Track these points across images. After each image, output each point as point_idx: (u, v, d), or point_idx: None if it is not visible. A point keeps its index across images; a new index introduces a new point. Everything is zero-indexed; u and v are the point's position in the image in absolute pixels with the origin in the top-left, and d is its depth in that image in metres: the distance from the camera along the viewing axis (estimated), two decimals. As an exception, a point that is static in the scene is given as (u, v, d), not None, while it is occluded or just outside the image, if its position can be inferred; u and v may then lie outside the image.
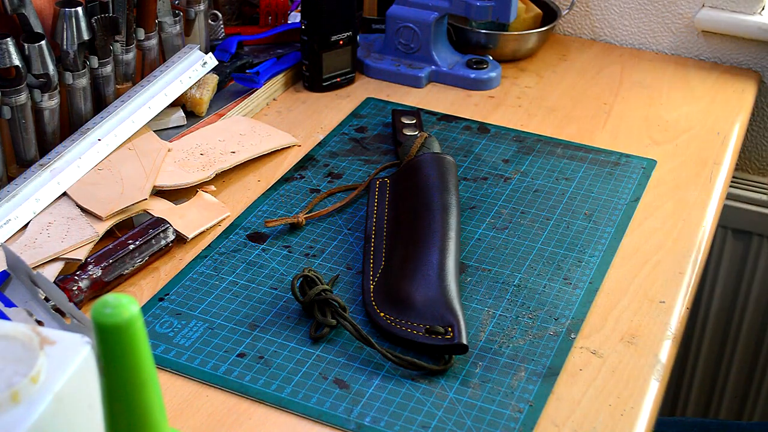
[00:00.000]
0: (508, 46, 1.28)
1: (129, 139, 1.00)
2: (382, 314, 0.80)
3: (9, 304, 0.74)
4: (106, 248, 0.85)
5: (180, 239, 0.91)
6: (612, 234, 0.93)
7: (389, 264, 0.85)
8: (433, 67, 1.23)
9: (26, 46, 0.91)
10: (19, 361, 0.53)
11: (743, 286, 1.42)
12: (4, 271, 0.77)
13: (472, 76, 1.21)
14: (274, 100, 1.18)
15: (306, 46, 1.17)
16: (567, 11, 1.36)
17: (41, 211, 0.90)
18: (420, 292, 0.80)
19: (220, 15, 1.23)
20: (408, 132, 1.07)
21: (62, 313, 0.74)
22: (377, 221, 0.91)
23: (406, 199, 0.92)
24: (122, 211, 0.91)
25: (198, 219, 0.93)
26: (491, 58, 1.24)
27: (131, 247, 0.86)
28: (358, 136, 1.10)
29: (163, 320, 0.81)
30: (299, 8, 1.29)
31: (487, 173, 1.03)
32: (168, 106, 1.05)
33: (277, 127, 1.10)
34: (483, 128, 1.11)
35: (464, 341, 0.76)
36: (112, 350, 0.50)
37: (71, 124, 1.01)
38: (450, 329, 0.77)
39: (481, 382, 0.75)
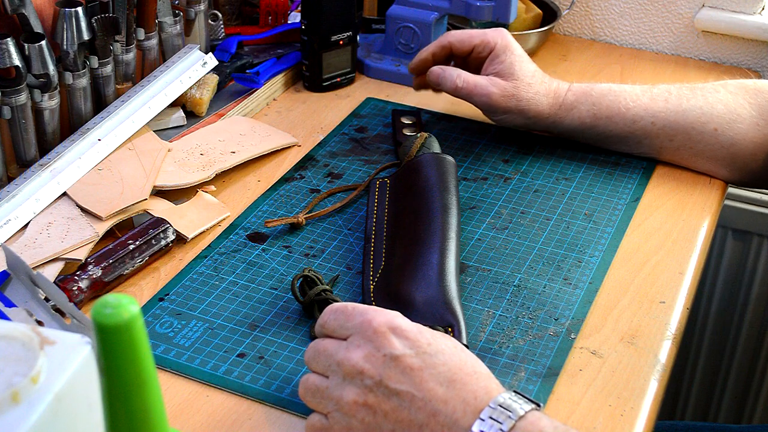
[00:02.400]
0: (508, 46, 1.28)
1: (129, 139, 1.00)
2: None
3: (9, 304, 0.74)
4: (106, 248, 0.85)
5: (180, 239, 0.91)
6: (612, 234, 0.93)
7: (389, 264, 0.85)
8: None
9: (26, 46, 0.91)
10: (19, 361, 0.53)
11: (743, 286, 1.42)
12: (4, 271, 0.77)
13: (472, 76, 1.21)
14: (274, 100, 1.18)
15: (306, 46, 1.17)
16: (567, 11, 1.36)
17: (41, 211, 0.90)
18: (420, 292, 0.80)
19: (220, 15, 1.23)
20: (408, 132, 1.07)
21: (62, 313, 0.74)
22: (377, 221, 0.91)
23: (406, 199, 0.92)
24: (122, 211, 0.91)
25: (198, 219, 0.93)
26: (491, 58, 1.24)
27: (131, 247, 0.86)
28: (358, 136, 1.10)
29: (163, 320, 0.81)
30: (299, 8, 1.29)
31: (487, 173, 1.03)
32: (168, 106, 1.05)
33: (277, 127, 1.10)
34: (483, 128, 1.11)
35: (464, 341, 0.76)
36: (112, 350, 0.50)
37: (71, 124, 1.01)
38: (450, 329, 0.77)
39: (481, 382, 0.75)
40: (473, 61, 1.04)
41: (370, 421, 0.64)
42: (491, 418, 0.61)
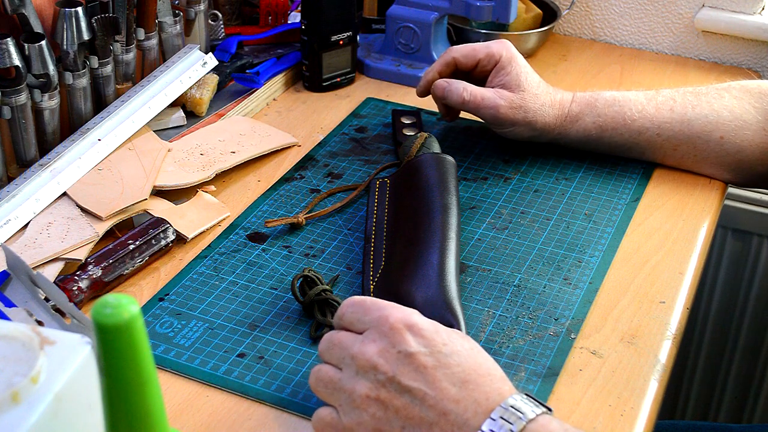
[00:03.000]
0: (508, 46, 1.28)
1: (129, 139, 1.00)
2: None
3: (9, 304, 0.74)
4: (106, 248, 0.85)
5: (180, 239, 0.91)
6: (612, 234, 0.93)
7: (389, 264, 0.85)
8: (433, 67, 1.23)
9: (26, 46, 0.91)
10: (19, 361, 0.53)
11: (743, 286, 1.42)
12: (4, 271, 0.77)
13: (472, 76, 1.21)
14: (274, 100, 1.18)
15: (306, 46, 1.17)
16: (567, 11, 1.36)
17: (41, 211, 0.90)
18: (420, 292, 0.80)
19: (220, 15, 1.23)
20: (408, 132, 1.07)
21: (62, 313, 0.74)
22: (377, 221, 0.91)
23: (406, 199, 0.92)
24: (122, 211, 0.91)
25: (198, 219, 0.93)
26: (491, 58, 1.24)
27: (131, 247, 0.86)
28: (358, 136, 1.10)
29: (163, 320, 0.81)
30: (299, 8, 1.29)
31: (487, 173, 1.03)
32: (168, 106, 1.05)
33: (277, 127, 1.10)
34: (483, 128, 1.11)
35: (464, 341, 0.76)
36: (112, 350, 0.50)
37: (71, 124, 1.01)
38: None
39: (481, 382, 0.75)
40: (478, 74, 1.03)
41: (380, 416, 0.64)
42: (502, 418, 0.61)
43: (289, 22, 1.27)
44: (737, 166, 0.98)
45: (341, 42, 1.18)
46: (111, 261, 0.84)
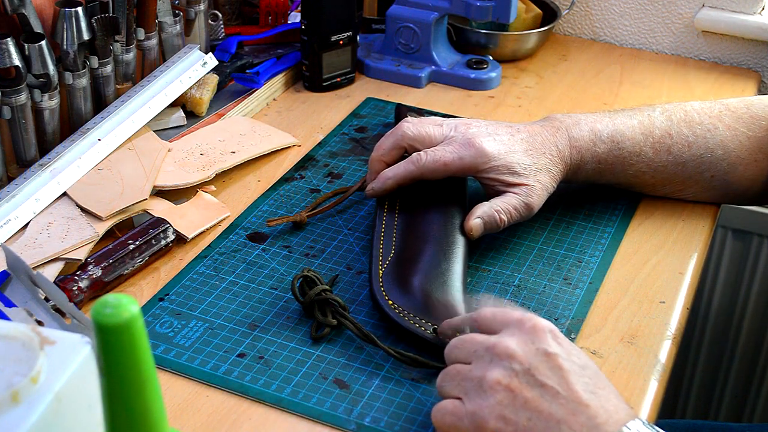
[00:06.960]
0: (508, 46, 1.28)
1: (129, 139, 1.00)
2: (390, 302, 0.80)
3: (9, 304, 0.74)
4: (106, 248, 0.85)
5: (180, 239, 0.91)
6: (612, 234, 0.93)
7: (400, 255, 0.84)
8: (433, 67, 1.23)
9: (26, 46, 0.91)
10: (19, 361, 0.53)
11: (743, 286, 1.42)
12: (4, 271, 0.77)
13: (472, 76, 1.21)
14: (274, 100, 1.18)
15: (306, 46, 1.17)
16: (567, 11, 1.36)
17: (41, 211, 0.90)
18: (428, 289, 0.80)
19: (220, 15, 1.23)
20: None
21: (62, 313, 0.74)
22: (388, 209, 0.90)
23: (418, 193, 0.91)
24: (122, 211, 0.91)
25: (198, 219, 0.93)
26: (491, 58, 1.24)
27: (131, 247, 0.86)
28: (358, 136, 1.10)
29: (163, 320, 0.81)
30: (299, 8, 1.29)
31: (487, 173, 1.03)
32: (168, 106, 1.05)
33: (277, 127, 1.10)
34: (483, 128, 1.11)
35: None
36: (112, 350, 0.50)
37: (71, 124, 1.01)
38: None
39: (481, 382, 0.75)
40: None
41: (507, 403, 0.64)
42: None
43: (289, 22, 1.27)
44: (723, 197, 0.97)
45: (341, 42, 1.18)
46: (111, 261, 0.84)
